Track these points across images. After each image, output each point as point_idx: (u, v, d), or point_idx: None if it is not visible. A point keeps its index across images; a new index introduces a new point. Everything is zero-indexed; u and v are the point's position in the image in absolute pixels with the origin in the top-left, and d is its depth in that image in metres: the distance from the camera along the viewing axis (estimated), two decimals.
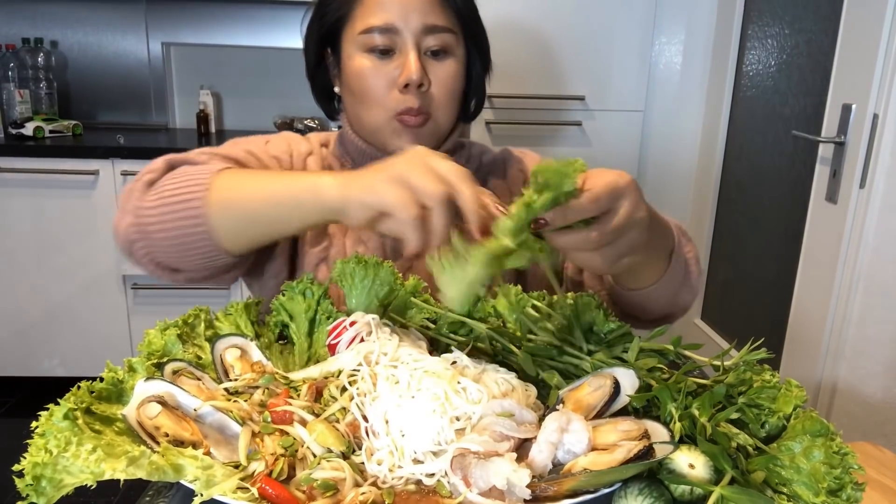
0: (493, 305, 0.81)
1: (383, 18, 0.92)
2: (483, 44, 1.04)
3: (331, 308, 0.81)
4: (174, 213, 0.77)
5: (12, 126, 2.51)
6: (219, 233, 0.77)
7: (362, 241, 1.00)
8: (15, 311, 2.52)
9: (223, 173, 0.79)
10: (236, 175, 0.80)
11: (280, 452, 0.59)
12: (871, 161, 1.65)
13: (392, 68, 0.93)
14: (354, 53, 0.95)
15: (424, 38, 0.93)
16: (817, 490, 0.54)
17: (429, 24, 0.93)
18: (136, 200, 0.81)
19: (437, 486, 0.57)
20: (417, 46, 0.93)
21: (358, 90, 0.96)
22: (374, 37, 0.92)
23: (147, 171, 0.84)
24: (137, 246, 0.82)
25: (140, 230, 0.80)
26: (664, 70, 2.64)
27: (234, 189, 0.77)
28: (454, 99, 0.99)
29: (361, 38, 0.94)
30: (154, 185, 0.81)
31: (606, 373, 0.67)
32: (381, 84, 0.94)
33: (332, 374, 0.70)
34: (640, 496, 0.54)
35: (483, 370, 0.69)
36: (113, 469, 0.52)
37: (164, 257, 0.81)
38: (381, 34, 0.92)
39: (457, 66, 0.97)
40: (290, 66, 2.88)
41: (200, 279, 0.86)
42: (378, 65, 0.94)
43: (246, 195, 0.76)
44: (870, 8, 1.64)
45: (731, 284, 2.49)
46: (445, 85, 0.96)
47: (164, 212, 0.78)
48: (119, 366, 0.67)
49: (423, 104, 0.94)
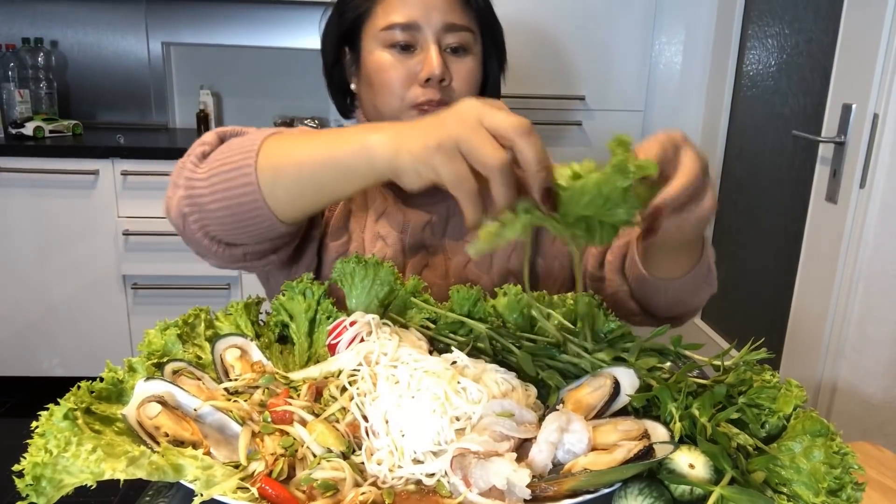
0: (492, 305, 0.81)
1: (406, 15, 0.94)
2: (500, 43, 1.06)
3: (331, 308, 0.81)
4: (226, 183, 0.76)
5: (12, 126, 2.51)
6: (271, 199, 0.75)
7: (381, 236, 1.00)
8: (15, 311, 2.52)
9: (272, 138, 0.78)
10: (286, 139, 0.78)
11: (280, 452, 0.59)
12: (871, 161, 1.65)
13: (413, 63, 0.95)
14: (375, 49, 0.97)
15: (445, 36, 0.95)
16: (817, 490, 0.54)
17: (449, 21, 0.95)
18: (189, 173, 0.80)
19: (437, 486, 0.57)
20: (438, 43, 0.95)
21: (377, 83, 0.97)
22: (395, 33, 0.94)
23: (199, 144, 0.83)
24: (191, 220, 0.80)
25: (192, 202, 0.79)
26: (664, 70, 2.64)
27: (283, 153, 0.75)
28: (473, 95, 0.99)
29: (383, 35, 0.95)
30: (207, 158, 0.80)
31: (606, 372, 0.67)
32: (402, 77, 0.95)
33: (332, 374, 0.70)
34: (640, 496, 0.54)
35: (483, 370, 0.69)
36: (113, 469, 0.52)
37: (218, 230, 0.80)
38: (403, 30, 0.94)
39: (475, 62, 0.99)
40: (290, 66, 2.88)
41: (257, 255, 0.85)
42: (399, 59, 0.95)
43: (296, 159, 0.74)
44: (870, 8, 1.64)
45: (731, 284, 2.49)
46: (466, 81, 0.97)
47: (216, 182, 0.77)
48: (119, 366, 0.67)
49: (445, 98, 0.96)
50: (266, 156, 0.75)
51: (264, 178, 0.75)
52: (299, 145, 0.75)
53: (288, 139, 0.78)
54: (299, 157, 0.74)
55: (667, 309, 0.92)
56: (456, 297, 0.82)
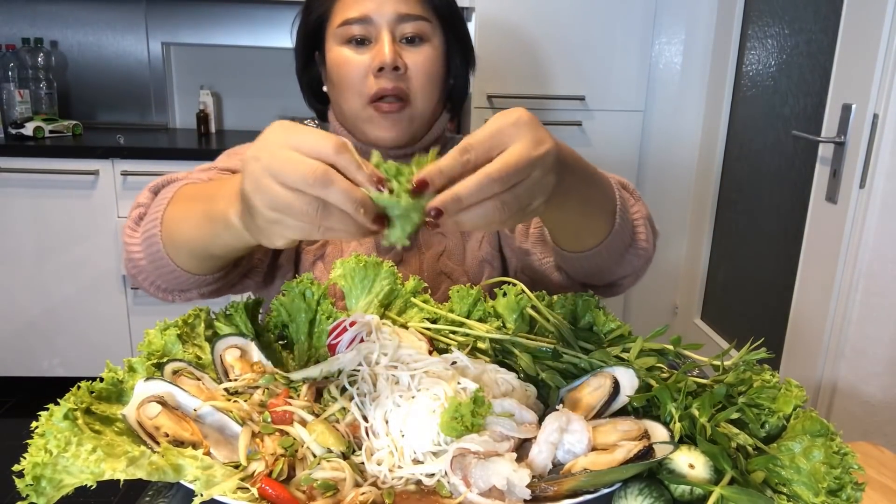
0: (492, 305, 0.81)
1: (359, 10, 0.97)
2: (462, 35, 1.06)
3: (331, 308, 0.81)
4: (149, 248, 0.78)
5: (12, 126, 2.51)
6: (181, 264, 0.77)
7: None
8: (15, 311, 2.52)
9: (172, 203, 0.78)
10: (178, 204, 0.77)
11: (280, 453, 0.59)
12: (871, 161, 1.65)
13: (368, 56, 0.97)
14: (334, 46, 0.99)
15: (398, 26, 0.97)
16: (817, 490, 0.54)
17: (402, 12, 0.97)
18: (127, 237, 0.83)
19: (437, 487, 0.57)
20: (392, 33, 0.97)
21: (337, 79, 0.99)
22: (350, 28, 0.97)
23: (135, 206, 0.84)
24: (141, 279, 0.84)
25: (134, 265, 0.82)
26: (664, 70, 2.64)
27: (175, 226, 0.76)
28: (432, 84, 1.00)
29: (339, 31, 0.98)
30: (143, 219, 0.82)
31: (606, 372, 0.67)
32: (358, 71, 0.97)
33: (332, 374, 0.70)
34: (640, 496, 0.54)
35: (483, 370, 0.69)
36: (113, 469, 0.52)
37: (164, 284, 0.83)
38: (357, 25, 0.96)
39: (433, 51, 1.00)
40: (290, 66, 2.84)
41: (212, 294, 0.86)
42: (355, 53, 0.97)
43: (184, 234, 0.74)
44: (870, 8, 1.64)
45: (731, 284, 2.49)
46: (423, 68, 0.98)
47: (144, 247, 0.79)
48: (119, 366, 0.67)
49: (400, 87, 0.96)
50: (165, 225, 0.77)
51: (167, 245, 0.77)
52: (184, 216, 0.74)
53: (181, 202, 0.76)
54: (184, 228, 0.74)
55: (591, 277, 0.87)
56: (456, 297, 0.82)
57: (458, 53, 1.06)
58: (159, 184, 0.86)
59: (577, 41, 2.55)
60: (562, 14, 2.51)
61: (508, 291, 0.81)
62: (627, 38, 2.58)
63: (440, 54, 1.01)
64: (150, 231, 0.78)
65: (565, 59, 2.56)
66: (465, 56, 1.08)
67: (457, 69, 1.07)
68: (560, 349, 0.73)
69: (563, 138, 2.53)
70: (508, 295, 0.81)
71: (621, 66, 2.60)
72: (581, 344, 0.74)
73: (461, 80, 1.09)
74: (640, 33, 2.58)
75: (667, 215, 2.76)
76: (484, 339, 0.77)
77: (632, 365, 0.68)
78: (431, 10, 1.00)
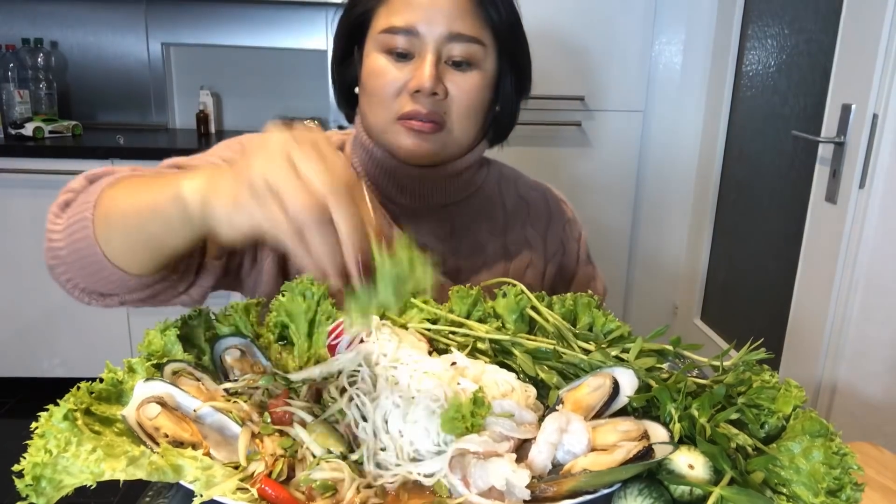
0: (492, 306, 0.81)
1: (406, 19, 0.87)
2: (520, 61, 0.97)
3: (331, 309, 0.81)
4: (73, 235, 0.71)
5: (12, 126, 2.51)
6: (109, 251, 0.70)
7: None
8: (15, 311, 2.51)
9: (111, 187, 0.71)
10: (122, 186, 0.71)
11: (280, 453, 0.59)
12: (870, 161, 1.65)
13: (407, 72, 0.88)
14: (373, 51, 0.91)
15: (447, 46, 0.88)
16: (817, 490, 0.54)
17: (454, 31, 0.87)
18: (50, 224, 0.74)
19: (436, 487, 0.57)
20: (438, 53, 0.87)
21: (370, 88, 0.91)
22: (394, 37, 0.88)
23: (64, 191, 0.76)
24: (57, 272, 0.76)
25: (54, 255, 0.74)
26: (664, 70, 2.64)
27: (114, 203, 0.69)
28: (475, 114, 0.92)
29: (382, 38, 0.89)
30: (70, 205, 0.75)
31: (606, 372, 0.67)
32: (394, 86, 0.89)
33: (332, 374, 0.70)
34: (639, 496, 0.54)
35: (483, 370, 0.69)
36: (113, 469, 0.52)
37: (82, 282, 0.75)
38: (402, 35, 0.87)
39: (481, 79, 0.91)
40: (290, 67, 2.88)
41: (136, 302, 0.78)
42: (394, 66, 0.89)
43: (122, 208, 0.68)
44: (870, 8, 1.64)
45: (731, 284, 2.49)
46: (466, 97, 0.89)
47: (68, 234, 0.71)
48: (119, 366, 0.67)
49: (435, 111, 0.89)
50: (101, 206, 0.70)
51: (100, 230, 0.69)
52: (128, 193, 0.69)
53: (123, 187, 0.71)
54: (125, 206, 0.68)
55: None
56: (456, 298, 0.82)
57: (511, 79, 0.96)
58: (98, 173, 0.77)
59: (577, 41, 2.55)
60: (562, 14, 2.51)
61: (508, 292, 0.81)
62: (627, 38, 2.58)
63: (489, 82, 0.92)
64: (79, 215, 0.70)
65: (565, 59, 2.56)
66: (520, 83, 0.98)
67: (506, 96, 0.97)
68: (560, 349, 0.73)
69: (563, 139, 2.55)
70: (508, 295, 0.81)
71: (621, 66, 2.60)
72: (581, 344, 0.74)
73: (509, 107, 0.99)
74: (640, 33, 2.58)
75: (667, 215, 2.76)
76: (484, 339, 0.77)
77: (632, 365, 0.68)
78: (489, 31, 0.90)
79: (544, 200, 1.11)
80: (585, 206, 2.72)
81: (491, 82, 0.93)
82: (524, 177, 1.13)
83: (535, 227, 1.09)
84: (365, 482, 0.58)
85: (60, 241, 0.72)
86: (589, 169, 2.68)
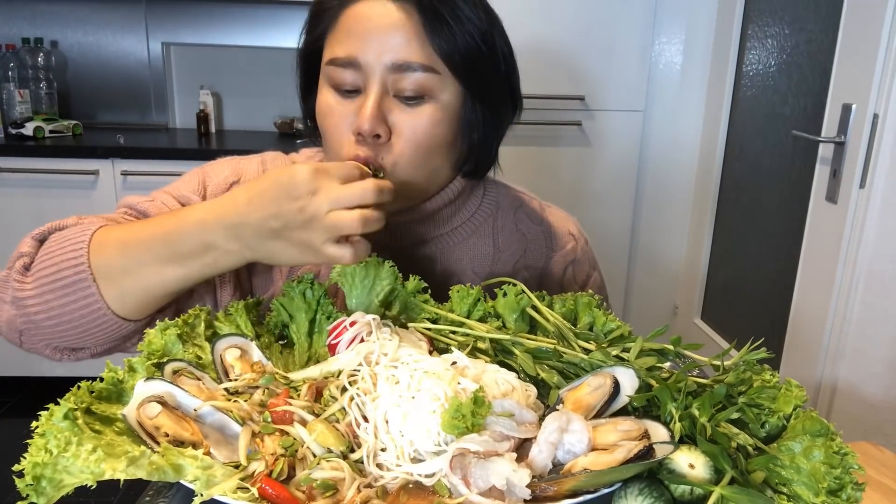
0: (492, 305, 0.81)
1: (347, 50, 0.77)
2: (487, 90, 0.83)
3: (331, 308, 0.81)
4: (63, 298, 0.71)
5: (12, 126, 2.51)
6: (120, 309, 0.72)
7: None
8: None
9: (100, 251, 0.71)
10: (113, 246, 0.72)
11: (280, 452, 0.59)
12: (871, 161, 1.65)
13: (353, 109, 0.79)
14: (323, 86, 0.82)
15: (393, 77, 0.77)
16: (817, 490, 0.54)
17: (400, 60, 0.76)
18: (15, 291, 0.73)
19: (436, 486, 0.57)
20: (384, 87, 0.77)
21: (320, 127, 0.84)
22: (337, 70, 0.78)
23: (17, 256, 0.75)
24: (28, 336, 0.75)
25: (28, 320, 0.73)
26: (664, 70, 2.64)
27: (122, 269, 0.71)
28: (427, 153, 0.81)
29: (328, 70, 0.80)
30: (30, 269, 0.74)
31: (606, 372, 0.67)
32: (340, 126, 0.80)
33: (332, 374, 0.70)
34: (640, 496, 0.54)
35: (483, 370, 0.69)
36: (113, 469, 0.52)
37: (62, 341, 0.75)
38: (345, 68, 0.78)
39: (435, 114, 0.79)
40: (291, 67, 2.86)
41: (104, 352, 0.79)
42: (340, 104, 0.80)
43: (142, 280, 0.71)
44: (870, 8, 1.64)
45: (731, 284, 2.49)
46: (414, 136, 0.79)
47: (50, 298, 0.71)
48: (119, 366, 0.67)
49: (376, 156, 0.79)
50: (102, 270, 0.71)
51: (109, 294, 0.71)
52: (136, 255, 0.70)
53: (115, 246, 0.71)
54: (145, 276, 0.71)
55: None
56: (456, 297, 0.82)
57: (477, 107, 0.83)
58: (45, 231, 0.76)
59: (577, 41, 2.55)
60: (561, 14, 2.51)
61: (508, 291, 0.81)
62: (627, 38, 2.58)
63: (450, 114, 0.81)
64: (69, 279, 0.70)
65: (565, 59, 2.56)
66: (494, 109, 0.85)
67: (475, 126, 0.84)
68: (560, 349, 0.73)
69: (563, 138, 2.55)
70: (508, 295, 0.81)
71: (621, 66, 2.60)
72: (581, 344, 0.74)
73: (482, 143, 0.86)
74: (640, 33, 2.58)
75: (667, 215, 2.76)
76: (484, 339, 0.77)
77: (632, 365, 0.68)
78: (445, 58, 0.77)
79: (545, 238, 1.01)
80: (585, 206, 2.72)
81: (452, 114, 0.81)
82: (528, 206, 1.01)
83: (531, 265, 1.00)
84: (366, 482, 0.58)
85: (37, 306, 0.72)
86: (589, 169, 2.68)
